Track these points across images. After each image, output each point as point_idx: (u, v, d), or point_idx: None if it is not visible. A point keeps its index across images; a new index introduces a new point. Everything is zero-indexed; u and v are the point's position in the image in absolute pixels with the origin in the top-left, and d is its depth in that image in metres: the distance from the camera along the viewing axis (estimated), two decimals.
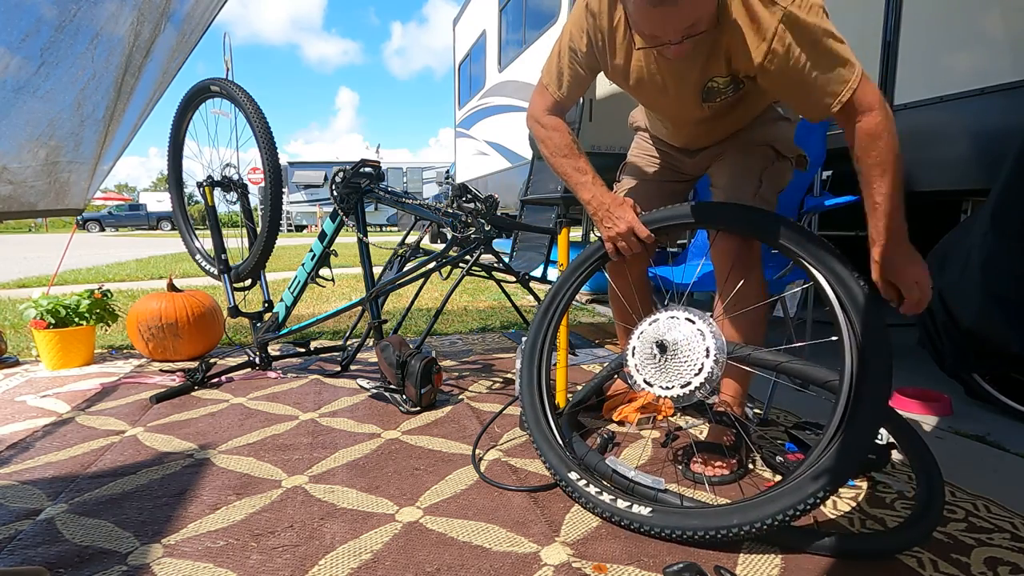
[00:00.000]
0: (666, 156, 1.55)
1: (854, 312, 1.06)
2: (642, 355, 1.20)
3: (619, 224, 1.30)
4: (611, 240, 1.33)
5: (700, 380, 1.11)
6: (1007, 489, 1.27)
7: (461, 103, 8.56)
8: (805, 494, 0.98)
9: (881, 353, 1.03)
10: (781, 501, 1.00)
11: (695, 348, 1.12)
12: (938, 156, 1.96)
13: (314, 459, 1.43)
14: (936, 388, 1.87)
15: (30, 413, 1.77)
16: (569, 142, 1.35)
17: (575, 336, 2.83)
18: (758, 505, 1.01)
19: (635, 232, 1.29)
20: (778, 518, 0.98)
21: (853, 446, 1.00)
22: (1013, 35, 1.74)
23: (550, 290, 1.51)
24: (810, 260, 1.14)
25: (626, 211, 1.30)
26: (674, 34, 1.05)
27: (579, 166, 1.34)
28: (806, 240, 1.15)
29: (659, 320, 1.20)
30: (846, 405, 1.03)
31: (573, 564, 1.00)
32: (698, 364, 1.11)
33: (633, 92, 1.37)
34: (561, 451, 1.28)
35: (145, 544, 1.06)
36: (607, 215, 1.31)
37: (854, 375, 1.04)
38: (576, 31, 1.27)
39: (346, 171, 2.03)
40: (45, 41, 1.59)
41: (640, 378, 1.19)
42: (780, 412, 1.75)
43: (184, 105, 2.43)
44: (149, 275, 5.83)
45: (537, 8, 5.33)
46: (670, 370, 1.14)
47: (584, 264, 1.46)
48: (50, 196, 2.21)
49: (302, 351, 2.38)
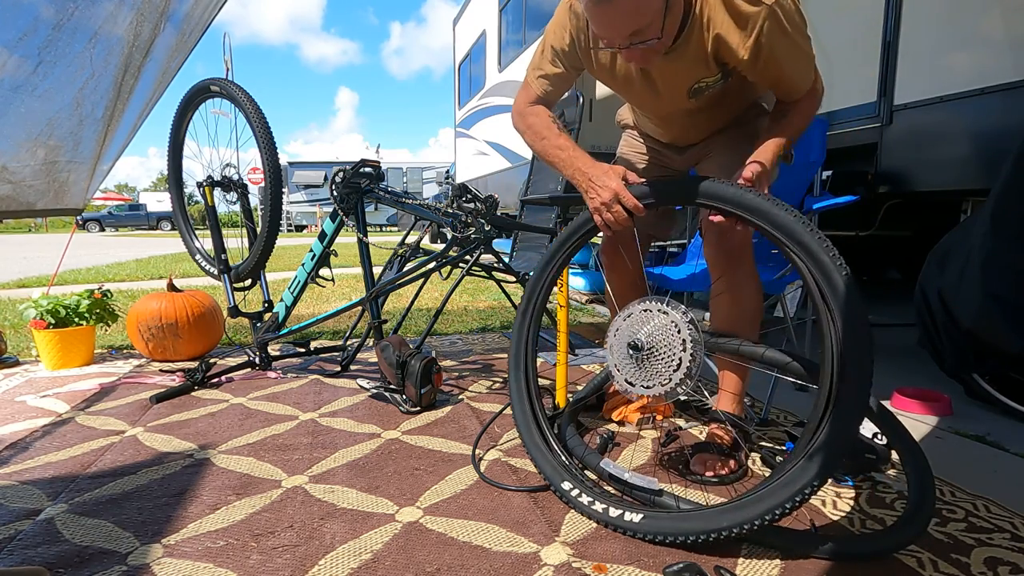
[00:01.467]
0: (654, 153, 1.56)
1: (835, 302, 1.01)
2: (619, 354, 1.16)
3: (603, 192, 1.21)
4: (597, 212, 1.24)
5: (680, 376, 1.07)
6: (1007, 489, 1.27)
7: (461, 103, 8.56)
8: (793, 490, 0.97)
9: (862, 344, 0.98)
10: (769, 499, 0.98)
11: (671, 342, 1.08)
12: (938, 156, 1.96)
13: (314, 459, 1.43)
14: (936, 388, 1.87)
15: (30, 413, 1.77)
16: (548, 123, 1.34)
17: (575, 336, 2.83)
18: (746, 505, 1.00)
19: (620, 199, 1.20)
20: (767, 517, 0.97)
21: (837, 438, 0.97)
22: (1013, 35, 1.74)
23: (528, 284, 1.47)
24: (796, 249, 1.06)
25: (611, 178, 1.21)
26: (620, 38, 1.08)
27: (559, 143, 1.31)
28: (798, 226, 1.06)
29: (633, 314, 1.16)
30: (827, 397, 1.00)
31: (573, 564, 1.00)
32: (675, 359, 1.08)
33: (620, 91, 1.37)
34: (554, 459, 1.27)
35: (145, 544, 1.06)
36: (590, 185, 1.23)
37: (835, 367, 0.99)
38: (559, 30, 1.28)
39: (346, 171, 2.03)
40: (43, 40, 1.59)
41: (622, 378, 1.16)
42: (780, 412, 1.75)
43: (184, 105, 2.43)
44: (149, 275, 5.83)
45: (537, 8, 5.34)
46: (648, 368, 1.11)
47: (564, 245, 1.40)
48: (49, 196, 2.21)
49: (302, 351, 2.38)
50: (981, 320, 1.51)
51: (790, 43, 1.13)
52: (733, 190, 1.12)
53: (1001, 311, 1.45)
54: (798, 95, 1.23)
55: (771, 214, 1.08)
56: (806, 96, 1.24)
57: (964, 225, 1.65)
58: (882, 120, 2.14)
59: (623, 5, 1.02)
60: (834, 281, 1.01)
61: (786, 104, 1.26)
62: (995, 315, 1.47)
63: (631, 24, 1.05)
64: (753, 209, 1.10)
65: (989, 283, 1.46)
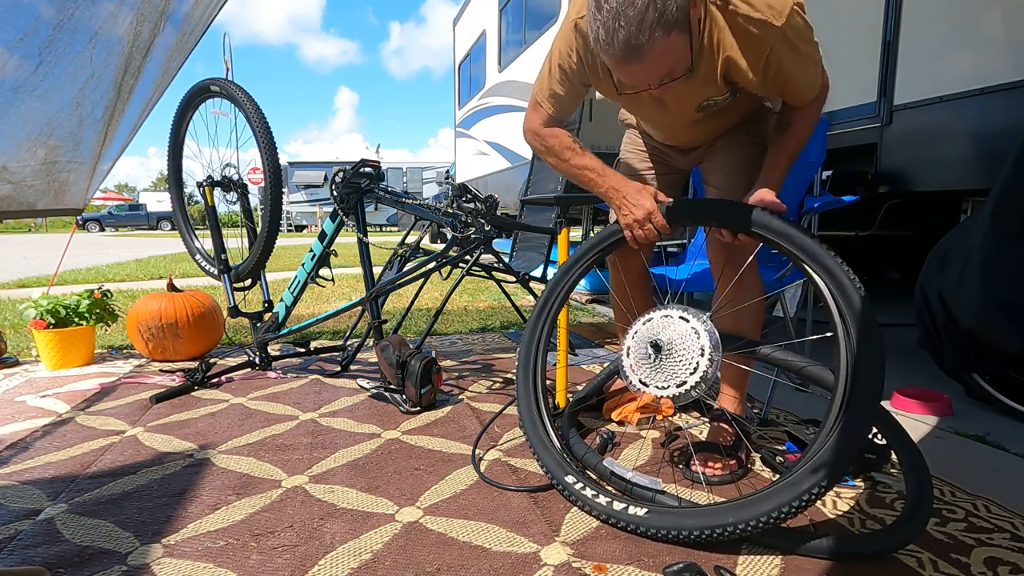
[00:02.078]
0: (658, 153, 1.55)
1: (848, 312, 1.05)
2: (637, 355, 1.19)
3: (636, 211, 1.28)
4: (628, 228, 1.31)
5: (696, 379, 1.10)
6: (1007, 489, 1.27)
7: (461, 103, 8.56)
8: (799, 491, 0.98)
9: (874, 351, 1.02)
10: (776, 498, 0.99)
11: (690, 347, 1.12)
12: (938, 156, 1.96)
13: (314, 459, 1.43)
14: (936, 388, 1.87)
15: (30, 413, 1.77)
16: (570, 143, 1.36)
17: (575, 336, 2.83)
18: (752, 503, 1.01)
19: (652, 219, 1.27)
20: (773, 515, 0.98)
21: (847, 442, 0.99)
22: (1013, 35, 1.74)
23: (549, 283, 1.49)
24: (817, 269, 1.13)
25: (646, 198, 1.28)
26: (651, 83, 1.08)
27: (586, 164, 1.34)
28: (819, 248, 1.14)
29: (653, 319, 1.20)
30: (841, 402, 1.02)
31: (573, 564, 1.00)
32: (693, 363, 1.11)
33: (627, 107, 1.37)
34: (558, 455, 1.28)
35: (145, 544, 1.06)
36: (624, 202, 1.30)
37: (849, 373, 1.03)
38: (566, 49, 1.27)
39: (346, 171, 2.03)
40: (43, 40, 1.59)
41: (636, 378, 1.18)
42: (780, 412, 1.75)
43: (184, 105, 2.43)
44: (149, 275, 5.83)
45: (537, 8, 5.33)
46: (665, 370, 1.14)
47: (588, 253, 1.45)
48: (49, 196, 2.21)
49: (302, 351, 2.38)
50: (981, 320, 1.51)
51: (800, 58, 1.13)
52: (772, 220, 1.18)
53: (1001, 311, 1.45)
54: (806, 101, 1.24)
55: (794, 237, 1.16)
56: (812, 100, 1.25)
57: (964, 225, 1.65)
58: (882, 120, 2.14)
59: (653, 59, 1.01)
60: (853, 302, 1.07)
61: (791, 112, 1.26)
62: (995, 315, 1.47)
63: (662, 71, 1.05)
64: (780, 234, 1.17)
65: (989, 283, 1.46)
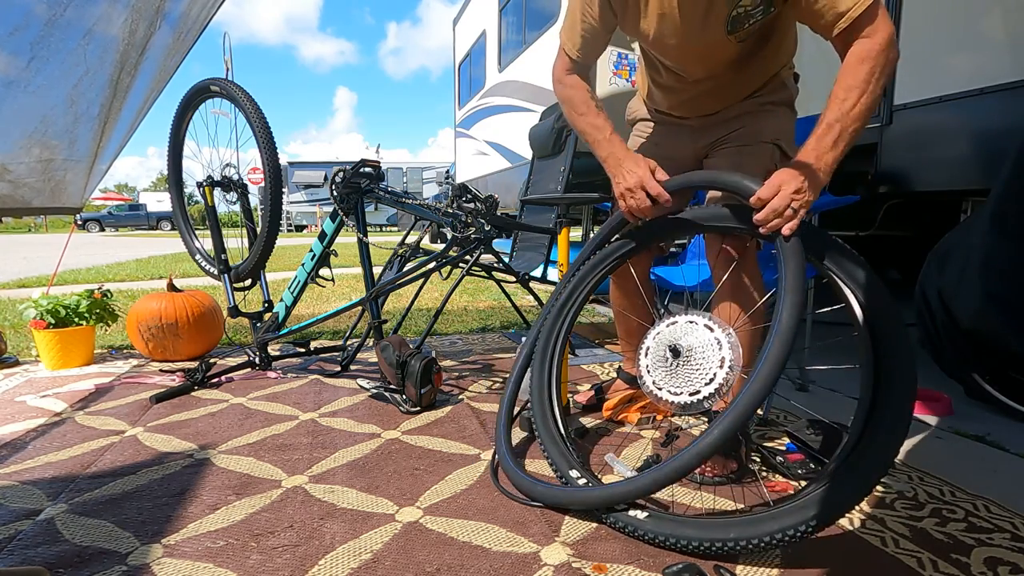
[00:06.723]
0: (661, 148, 1.52)
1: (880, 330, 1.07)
2: (655, 356, 1.17)
3: (629, 177, 1.26)
4: (621, 197, 1.29)
5: (710, 391, 1.08)
6: (1007, 489, 1.27)
7: (461, 103, 8.55)
8: (807, 516, 0.96)
9: (906, 379, 1.02)
10: (783, 520, 0.97)
11: (710, 357, 1.10)
12: (938, 156, 1.96)
13: (314, 459, 1.43)
14: (936, 388, 1.87)
15: (30, 413, 1.77)
16: (587, 98, 1.35)
17: (575, 336, 2.83)
18: (758, 521, 0.99)
19: (645, 187, 1.24)
20: (776, 536, 0.96)
21: (865, 474, 0.98)
22: (1013, 35, 1.74)
23: (564, 284, 1.47)
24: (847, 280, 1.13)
25: (639, 165, 1.26)
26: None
27: (596, 123, 1.33)
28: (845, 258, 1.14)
29: (678, 323, 1.18)
30: (862, 427, 1.02)
31: (573, 564, 1.00)
32: (710, 373, 1.09)
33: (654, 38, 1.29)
34: (565, 449, 1.27)
35: (145, 544, 1.06)
36: (618, 169, 1.28)
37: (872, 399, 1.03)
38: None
39: (346, 171, 2.03)
40: (35, 36, 1.59)
41: (650, 379, 1.17)
42: (780, 412, 1.75)
43: (184, 105, 2.43)
44: (149, 275, 5.83)
45: (537, 8, 5.33)
46: (681, 376, 1.12)
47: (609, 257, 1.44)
48: (45, 194, 2.21)
49: (302, 351, 2.38)
50: (981, 320, 1.51)
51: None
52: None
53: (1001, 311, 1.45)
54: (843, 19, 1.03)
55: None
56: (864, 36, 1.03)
57: (964, 225, 1.65)
58: (882, 120, 2.14)
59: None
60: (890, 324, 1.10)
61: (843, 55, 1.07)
62: (995, 315, 1.47)
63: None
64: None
65: (989, 283, 1.46)
